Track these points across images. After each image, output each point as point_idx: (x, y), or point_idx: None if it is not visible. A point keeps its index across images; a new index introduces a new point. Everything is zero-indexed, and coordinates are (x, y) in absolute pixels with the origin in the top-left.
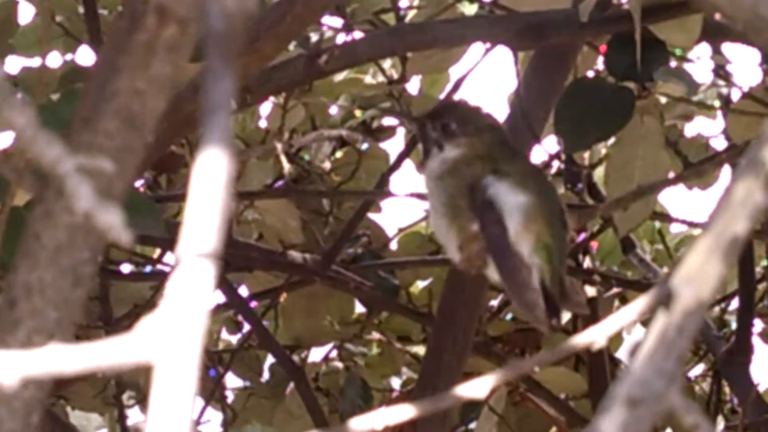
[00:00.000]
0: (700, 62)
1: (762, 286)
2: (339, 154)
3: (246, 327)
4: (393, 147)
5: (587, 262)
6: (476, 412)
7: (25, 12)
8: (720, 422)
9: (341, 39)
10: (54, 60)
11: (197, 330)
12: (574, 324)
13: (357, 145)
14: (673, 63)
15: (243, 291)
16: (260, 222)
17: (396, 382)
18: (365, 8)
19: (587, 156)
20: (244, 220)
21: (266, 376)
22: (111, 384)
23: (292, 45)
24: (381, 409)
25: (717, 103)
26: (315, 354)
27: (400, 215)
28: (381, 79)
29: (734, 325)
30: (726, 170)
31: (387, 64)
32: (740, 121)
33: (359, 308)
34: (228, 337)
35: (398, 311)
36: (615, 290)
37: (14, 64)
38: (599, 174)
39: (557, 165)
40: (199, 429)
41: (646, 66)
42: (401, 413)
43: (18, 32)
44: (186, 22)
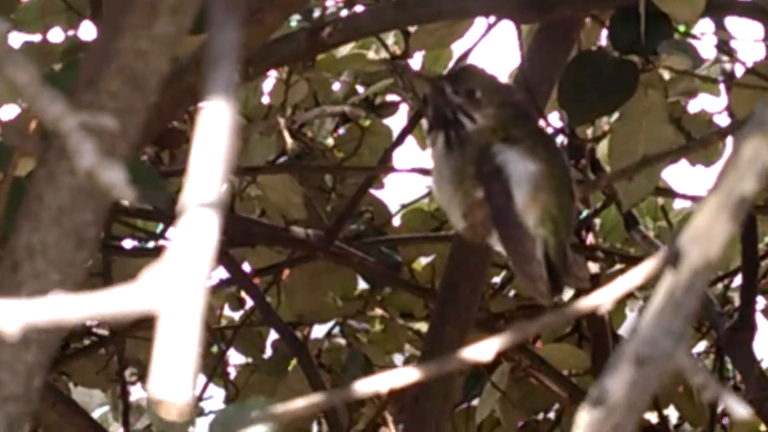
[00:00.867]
0: (704, 39)
1: (765, 263)
2: (342, 131)
3: (248, 303)
4: (396, 123)
5: (590, 239)
6: (479, 389)
7: None
8: None
9: (344, 13)
10: (56, 35)
11: (201, 278)
12: (577, 299)
13: (360, 122)
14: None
15: (245, 267)
16: (263, 198)
17: (399, 359)
18: None
19: (590, 132)
20: (247, 196)
21: (269, 353)
22: (113, 360)
23: (295, 21)
24: (385, 373)
25: (721, 77)
26: (317, 330)
27: (403, 191)
28: (384, 55)
29: (737, 302)
30: (730, 144)
31: (390, 40)
32: (744, 97)
33: (362, 284)
34: (230, 314)
35: (401, 287)
36: (618, 267)
37: (16, 40)
38: (602, 150)
39: (561, 140)
40: (202, 405)
41: (650, 39)
42: (405, 376)
43: (20, 8)
44: None
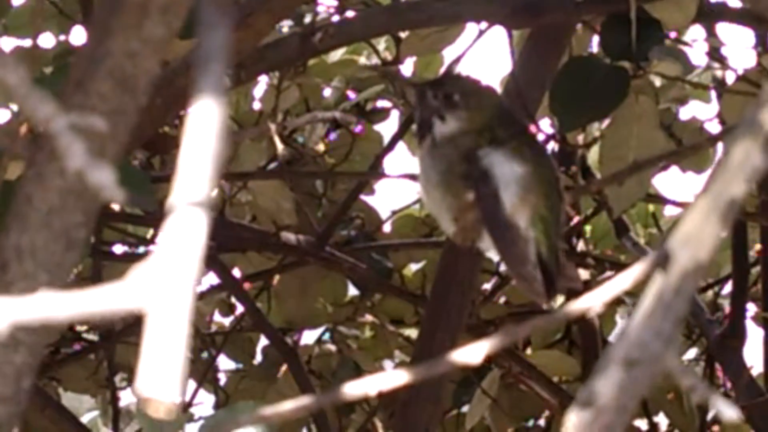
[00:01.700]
0: (695, 45)
1: (755, 270)
2: (333, 136)
3: (238, 309)
4: (387, 129)
5: (581, 246)
6: (469, 395)
7: None
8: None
9: (336, 18)
10: (47, 41)
11: (190, 277)
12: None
13: (351, 127)
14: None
15: (236, 273)
16: (253, 203)
17: (389, 365)
18: None
19: (581, 138)
20: (237, 202)
21: (259, 359)
22: (103, 366)
23: (286, 26)
24: (375, 375)
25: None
26: (307, 337)
27: (394, 198)
28: (375, 61)
29: (727, 309)
30: (720, 151)
31: (381, 46)
32: (735, 104)
33: (352, 290)
34: (221, 320)
35: (392, 293)
36: (608, 273)
37: (7, 45)
38: (593, 157)
39: (551, 146)
40: (192, 411)
41: (642, 45)
42: (395, 379)
43: (11, 13)
44: None
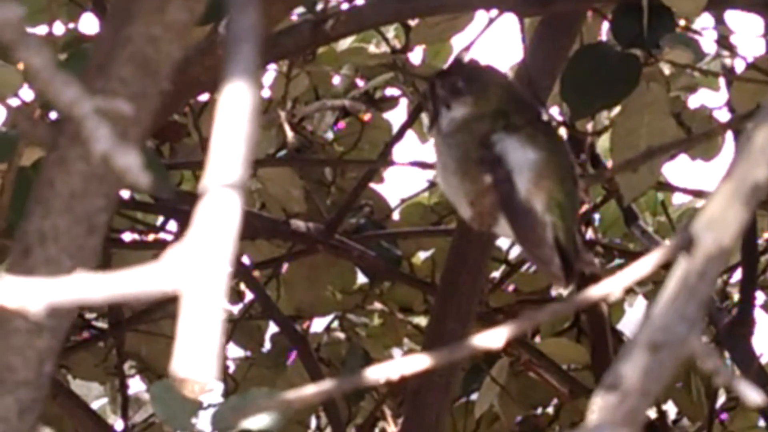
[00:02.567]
0: (704, 33)
1: (765, 258)
2: (342, 124)
3: (248, 297)
4: (396, 117)
5: (590, 234)
6: (478, 383)
7: None
8: (722, 394)
9: (347, 5)
10: (57, 29)
11: (224, 258)
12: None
13: (360, 115)
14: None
15: (245, 260)
16: (263, 191)
17: (398, 353)
18: None
19: (590, 126)
20: (247, 189)
21: (268, 347)
22: (112, 353)
23: (296, 14)
24: (392, 360)
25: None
26: (317, 325)
27: (403, 186)
28: (384, 49)
29: (736, 297)
30: (730, 141)
31: (390, 34)
32: (744, 91)
33: (361, 278)
34: (229, 307)
35: (401, 281)
36: (617, 262)
37: None
38: (602, 145)
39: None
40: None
41: (653, 33)
42: (413, 365)
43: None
44: None
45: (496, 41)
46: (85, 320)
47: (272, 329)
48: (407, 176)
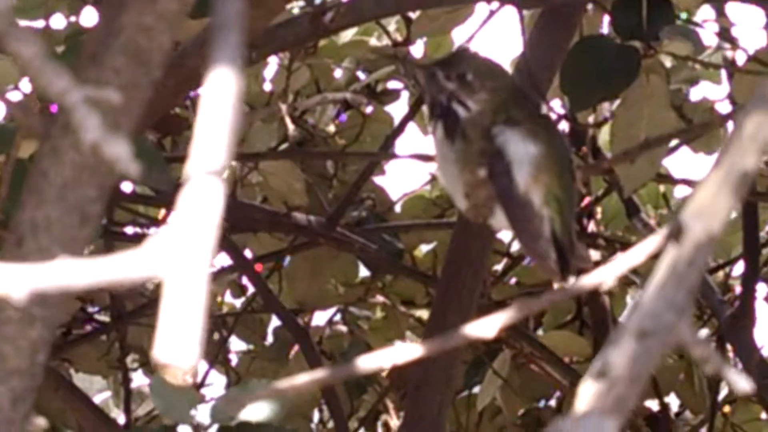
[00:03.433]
0: (705, 26)
1: (767, 251)
2: (343, 117)
3: (250, 290)
4: (397, 110)
5: (591, 226)
6: (480, 376)
7: None
8: (724, 386)
9: None
10: (58, 22)
11: (207, 245)
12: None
13: (361, 108)
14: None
15: (247, 254)
16: (264, 184)
17: (399, 346)
18: None
19: (591, 119)
20: (248, 183)
21: (270, 340)
22: (115, 347)
23: (297, 6)
24: (389, 349)
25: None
26: (319, 318)
27: (405, 179)
28: (386, 42)
29: (738, 290)
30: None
31: (392, 27)
32: (745, 84)
33: (363, 271)
34: (232, 301)
35: (402, 274)
36: (619, 254)
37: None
38: (603, 137)
39: (562, 126)
40: (203, 392)
41: (652, 25)
42: (408, 353)
43: None
44: None
45: (497, 33)
46: (88, 314)
47: (274, 322)
48: (409, 169)
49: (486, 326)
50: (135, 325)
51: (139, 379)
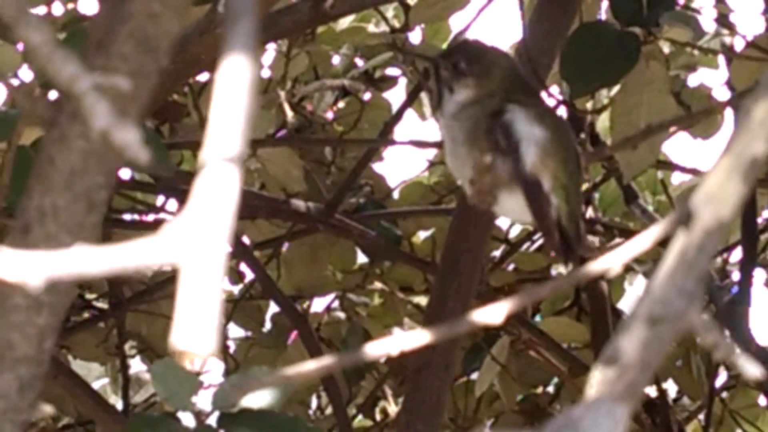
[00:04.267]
0: (704, 12)
1: (765, 237)
2: (341, 104)
3: (248, 277)
4: (395, 97)
5: (590, 212)
6: (478, 362)
7: None
8: (722, 372)
9: None
10: (56, 9)
11: (223, 230)
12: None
13: (359, 95)
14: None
15: (245, 240)
16: (262, 171)
17: (398, 332)
18: None
19: (590, 105)
20: (247, 169)
21: (268, 326)
22: (113, 334)
23: None
24: (394, 336)
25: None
26: (317, 304)
27: (403, 165)
28: (384, 28)
29: (736, 276)
30: (729, 119)
31: (390, 14)
32: (744, 69)
33: (361, 258)
34: (230, 287)
35: (401, 261)
36: (617, 240)
37: None
38: (602, 124)
39: (561, 113)
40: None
41: (652, 11)
42: (413, 339)
43: None
44: None
45: (496, 19)
46: (86, 300)
47: (273, 309)
48: (407, 156)
49: (493, 313)
50: (133, 312)
51: (137, 366)
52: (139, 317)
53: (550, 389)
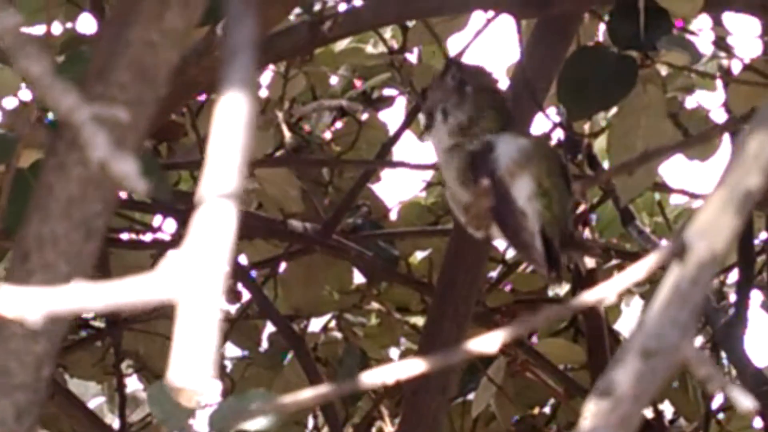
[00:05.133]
0: (701, 35)
1: (761, 259)
2: (339, 124)
3: (245, 297)
4: (393, 118)
5: (587, 234)
6: (475, 383)
7: None
8: (718, 394)
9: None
10: (54, 28)
11: (220, 267)
12: (574, 293)
13: (357, 116)
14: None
15: (242, 260)
16: (260, 191)
17: (394, 353)
18: None
19: (587, 128)
20: (244, 189)
21: (265, 346)
22: (110, 353)
23: (294, 14)
24: (389, 365)
25: (718, 74)
26: (314, 324)
27: (400, 186)
28: (382, 49)
29: (733, 298)
30: (726, 142)
31: (388, 35)
32: (741, 93)
33: (358, 278)
34: (226, 307)
35: (398, 281)
36: (614, 262)
37: None
38: (599, 146)
39: (558, 137)
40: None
41: (649, 35)
42: (409, 368)
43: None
44: None
45: (493, 42)
46: (83, 319)
47: (269, 329)
48: (404, 176)
49: (488, 341)
50: (130, 331)
51: (134, 385)
52: (137, 336)
53: (547, 410)
